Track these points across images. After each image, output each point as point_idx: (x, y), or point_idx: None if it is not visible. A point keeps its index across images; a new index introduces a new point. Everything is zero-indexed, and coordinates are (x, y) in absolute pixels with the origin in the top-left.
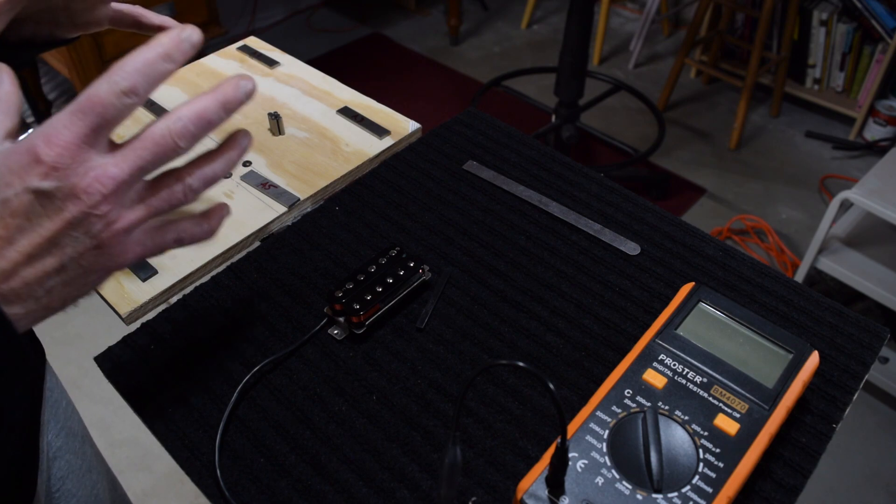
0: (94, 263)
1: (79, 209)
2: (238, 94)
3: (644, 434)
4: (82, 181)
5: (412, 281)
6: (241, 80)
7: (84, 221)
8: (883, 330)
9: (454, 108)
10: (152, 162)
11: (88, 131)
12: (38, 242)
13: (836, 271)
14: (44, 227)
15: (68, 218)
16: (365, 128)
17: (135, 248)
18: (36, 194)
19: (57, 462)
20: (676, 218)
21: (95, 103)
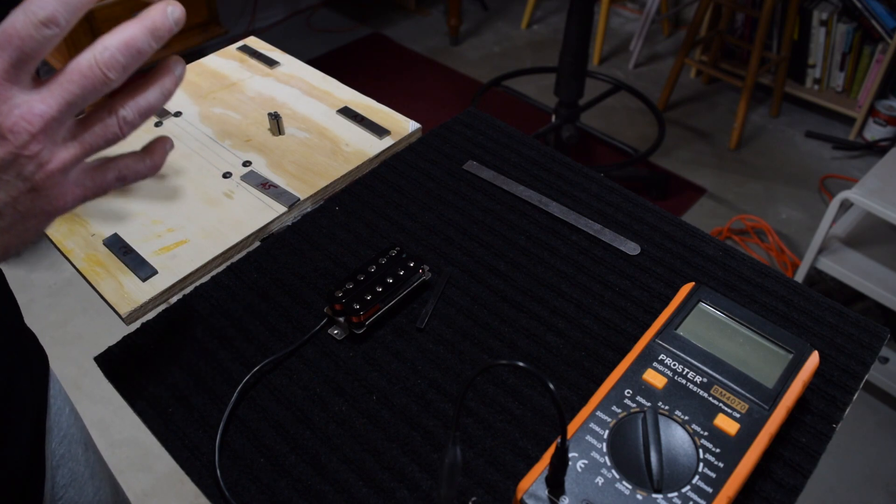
0: (31, 208)
1: (6, 150)
2: (167, 20)
3: (644, 434)
4: (7, 120)
5: (412, 281)
6: (169, 6)
7: (14, 163)
8: (883, 330)
9: (454, 108)
10: (81, 96)
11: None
12: None
13: (836, 271)
14: None
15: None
16: (365, 128)
17: (74, 189)
18: None
19: (60, 470)
20: (676, 218)
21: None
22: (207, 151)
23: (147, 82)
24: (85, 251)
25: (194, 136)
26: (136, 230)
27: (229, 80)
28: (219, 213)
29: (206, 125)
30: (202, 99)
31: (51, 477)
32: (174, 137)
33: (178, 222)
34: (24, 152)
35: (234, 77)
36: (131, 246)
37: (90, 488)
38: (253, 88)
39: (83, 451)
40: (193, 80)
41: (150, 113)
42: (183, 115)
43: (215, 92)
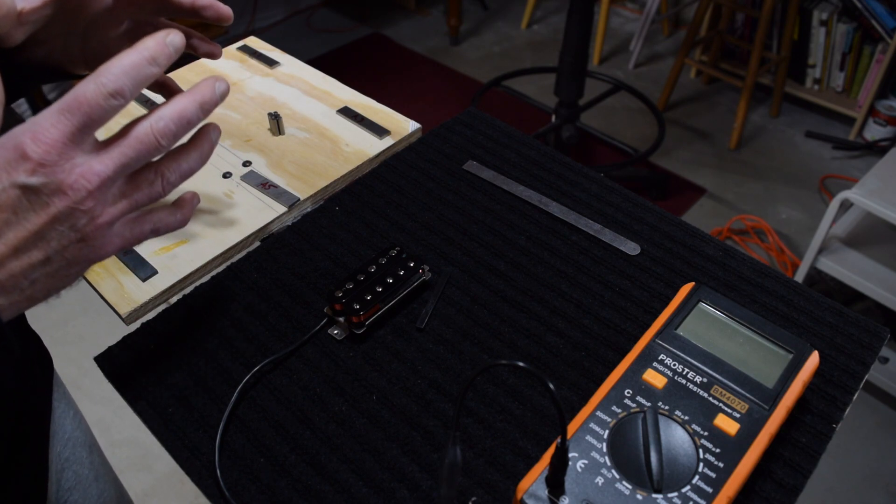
0: (77, 256)
1: (65, 204)
2: (214, 94)
3: (644, 434)
4: (69, 178)
5: (412, 281)
6: (217, 82)
7: (70, 216)
8: (883, 330)
9: (454, 108)
10: (136, 159)
11: (75, 130)
12: (24, 236)
13: (836, 271)
14: (30, 222)
15: (54, 213)
16: (365, 128)
17: (115, 239)
18: (23, 189)
19: (65, 473)
20: (676, 218)
21: (82, 103)
22: None
23: (188, 147)
24: None
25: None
26: None
27: (229, 80)
28: (219, 213)
29: None
30: None
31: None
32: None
33: None
34: (80, 207)
35: (234, 77)
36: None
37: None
38: (253, 88)
39: (87, 453)
40: (193, 80)
41: (189, 175)
42: None
43: None
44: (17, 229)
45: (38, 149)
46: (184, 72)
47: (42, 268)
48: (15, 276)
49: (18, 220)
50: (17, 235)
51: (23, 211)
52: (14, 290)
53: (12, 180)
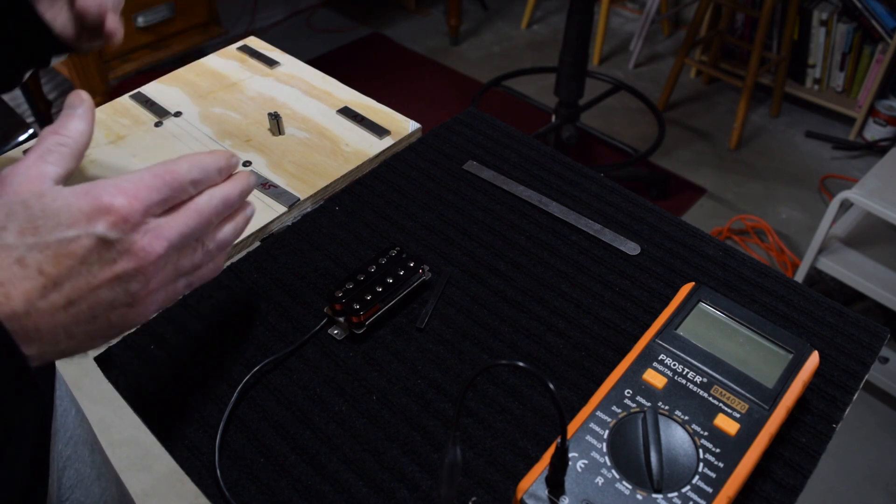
0: (120, 321)
1: (132, 265)
2: (249, 184)
3: (644, 434)
4: (142, 239)
5: (412, 281)
6: (251, 175)
7: (130, 278)
8: (883, 330)
9: (454, 108)
10: (194, 230)
11: (160, 199)
12: (82, 289)
13: (836, 271)
14: (93, 275)
15: (118, 271)
16: (365, 128)
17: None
18: (98, 240)
19: (67, 472)
20: (676, 218)
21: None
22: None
23: (227, 221)
24: None
25: (194, 136)
26: None
27: (229, 80)
28: None
29: (206, 125)
30: (202, 99)
31: (57, 478)
32: (174, 137)
33: None
34: (142, 271)
35: (234, 77)
36: None
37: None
38: (253, 88)
39: (89, 452)
40: (193, 79)
41: (226, 247)
42: (183, 115)
43: (215, 92)
44: (78, 280)
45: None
46: (183, 72)
47: (86, 325)
48: (56, 327)
49: (82, 271)
50: (75, 286)
51: (89, 263)
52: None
53: (91, 229)
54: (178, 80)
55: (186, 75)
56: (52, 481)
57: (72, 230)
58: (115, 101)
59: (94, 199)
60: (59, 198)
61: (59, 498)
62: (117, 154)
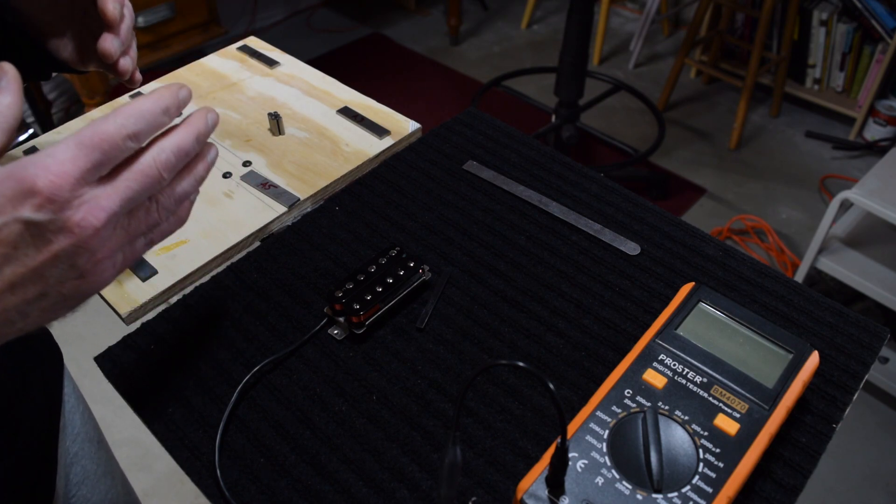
0: (74, 291)
1: (69, 242)
2: (207, 125)
3: (644, 434)
4: (76, 215)
5: (412, 281)
6: (208, 113)
7: (72, 254)
8: (883, 330)
9: (454, 108)
10: (140, 193)
11: (91, 167)
12: (22, 272)
13: (836, 271)
14: (30, 258)
15: (56, 250)
16: (365, 128)
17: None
18: (27, 225)
19: (74, 468)
20: (676, 218)
21: (104, 140)
22: None
23: (182, 172)
24: None
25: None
26: None
27: (229, 80)
28: (219, 213)
29: None
30: (202, 99)
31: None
32: None
33: None
34: (84, 245)
35: (234, 77)
36: None
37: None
38: (253, 88)
39: (96, 448)
40: (193, 80)
41: (185, 199)
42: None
43: (215, 92)
44: (16, 265)
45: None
46: (183, 72)
47: (37, 303)
48: (8, 310)
49: (18, 255)
50: (14, 271)
51: (23, 247)
52: (5, 323)
53: (17, 215)
54: (178, 80)
55: (186, 75)
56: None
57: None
58: (114, 101)
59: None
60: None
61: (66, 494)
62: None
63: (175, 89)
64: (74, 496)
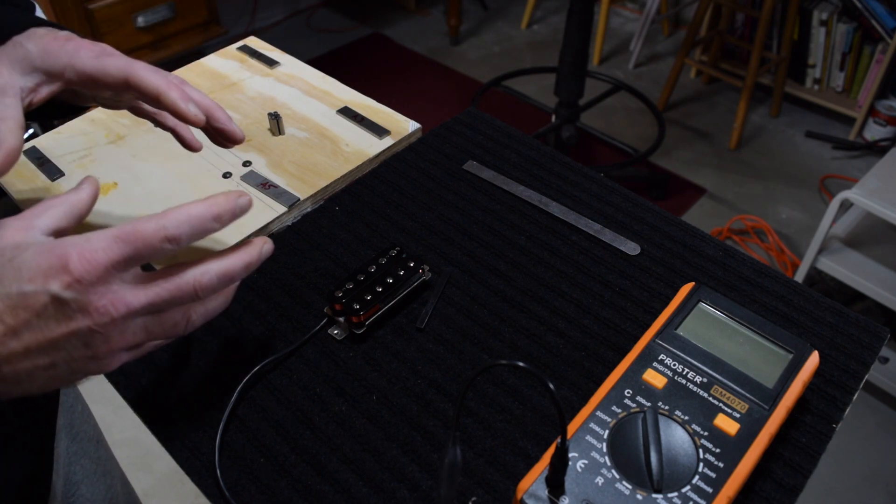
0: (82, 368)
1: (86, 324)
2: (259, 256)
3: (644, 434)
4: (99, 300)
5: (412, 281)
6: (265, 245)
7: (87, 335)
8: (883, 330)
9: (454, 108)
10: (168, 302)
11: (121, 259)
12: (39, 341)
13: (836, 271)
14: (49, 329)
15: (74, 328)
16: (365, 128)
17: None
18: (53, 298)
19: (72, 467)
20: (676, 218)
21: (139, 239)
22: (207, 151)
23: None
24: None
25: (194, 136)
26: None
27: (229, 80)
28: None
29: None
30: None
31: (64, 474)
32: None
33: None
34: (100, 330)
35: (234, 77)
36: None
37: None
38: (253, 88)
39: (95, 448)
40: (193, 80)
41: (212, 317)
42: None
43: (215, 92)
44: (35, 333)
45: (81, 266)
46: (184, 72)
47: (46, 371)
48: (18, 372)
49: (39, 324)
50: (33, 338)
51: (45, 318)
52: (12, 383)
53: (47, 288)
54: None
55: (186, 75)
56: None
57: (30, 285)
58: None
59: (54, 258)
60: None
61: (65, 493)
62: (117, 154)
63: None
64: (74, 495)
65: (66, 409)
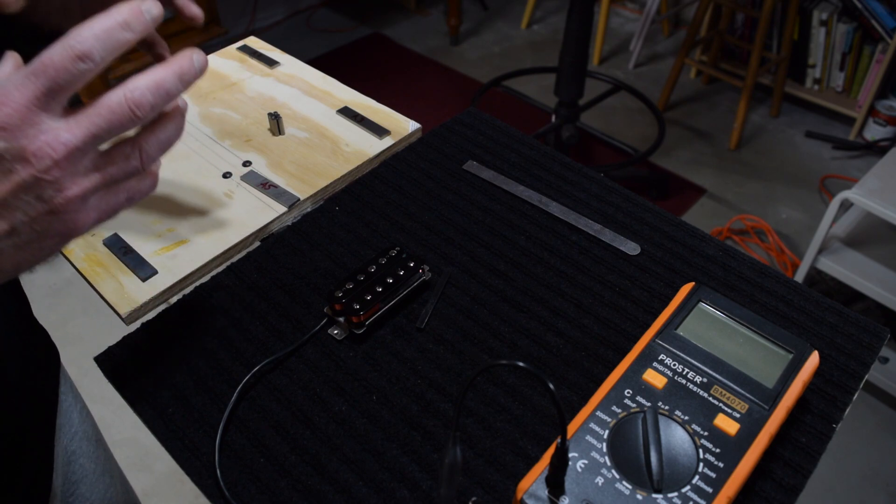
0: (48, 229)
1: (28, 172)
2: (193, 66)
3: (644, 434)
4: (32, 144)
5: (412, 281)
6: (195, 54)
7: (35, 185)
8: (883, 330)
9: (454, 108)
10: (107, 129)
11: (40, 94)
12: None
13: (836, 271)
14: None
15: (17, 181)
16: (365, 128)
17: (90, 213)
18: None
19: (71, 466)
20: (676, 218)
21: (48, 66)
22: (207, 151)
23: (164, 118)
24: (85, 251)
25: (194, 136)
26: (136, 230)
27: (229, 80)
28: (219, 213)
29: (206, 125)
30: (202, 99)
31: (62, 473)
32: None
33: (178, 222)
34: (45, 177)
35: (234, 77)
36: (131, 246)
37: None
38: (253, 88)
39: (94, 448)
40: None
41: (168, 147)
42: None
43: (215, 92)
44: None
45: (1, 111)
46: None
47: (8, 238)
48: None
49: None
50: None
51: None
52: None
53: None
54: None
55: None
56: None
57: None
58: None
59: None
60: None
61: (63, 493)
62: None
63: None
64: (73, 495)
65: (66, 408)
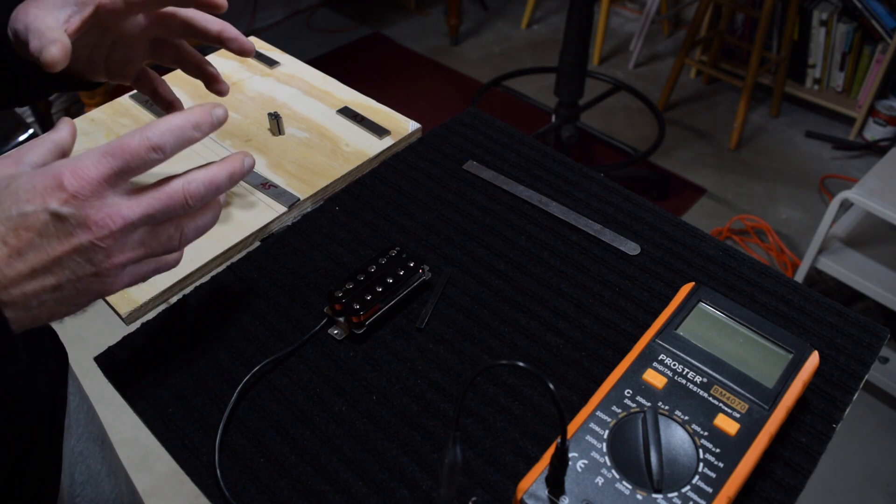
0: (87, 288)
1: (87, 238)
2: (243, 167)
3: (644, 434)
4: (96, 214)
5: (412, 281)
6: (245, 157)
7: (88, 249)
8: (883, 330)
9: (454, 108)
10: (162, 212)
11: (111, 173)
12: (44, 259)
13: (836, 271)
14: (52, 247)
15: (76, 244)
16: (365, 128)
17: (124, 278)
18: (52, 216)
19: (78, 467)
20: (676, 218)
21: (125, 151)
22: (207, 151)
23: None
24: None
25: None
26: None
27: (229, 80)
28: None
29: None
30: (202, 99)
31: (69, 474)
32: None
33: None
34: (100, 244)
35: (235, 77)
36: None
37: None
38: (253, 88)
39: (100, 448)
40: (193, 80)
41: (203, 233)
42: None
43: None
44: (39, 252)
45: (76, 182)
46: None
47: (53, 293)
48: (27, 295)
49: (42, 243)
50: (37, 258)
51: (48, 236)
52: (23, 307)
53: (46, 206)
54: (179, 80)
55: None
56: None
57: (29, 205)
58: (115, 102)
59: (49, 178)
60: (23, 177)
61: (70, 493)
62: None
63: (209, 108)
64: (79, 495)
65: (74, 409)
